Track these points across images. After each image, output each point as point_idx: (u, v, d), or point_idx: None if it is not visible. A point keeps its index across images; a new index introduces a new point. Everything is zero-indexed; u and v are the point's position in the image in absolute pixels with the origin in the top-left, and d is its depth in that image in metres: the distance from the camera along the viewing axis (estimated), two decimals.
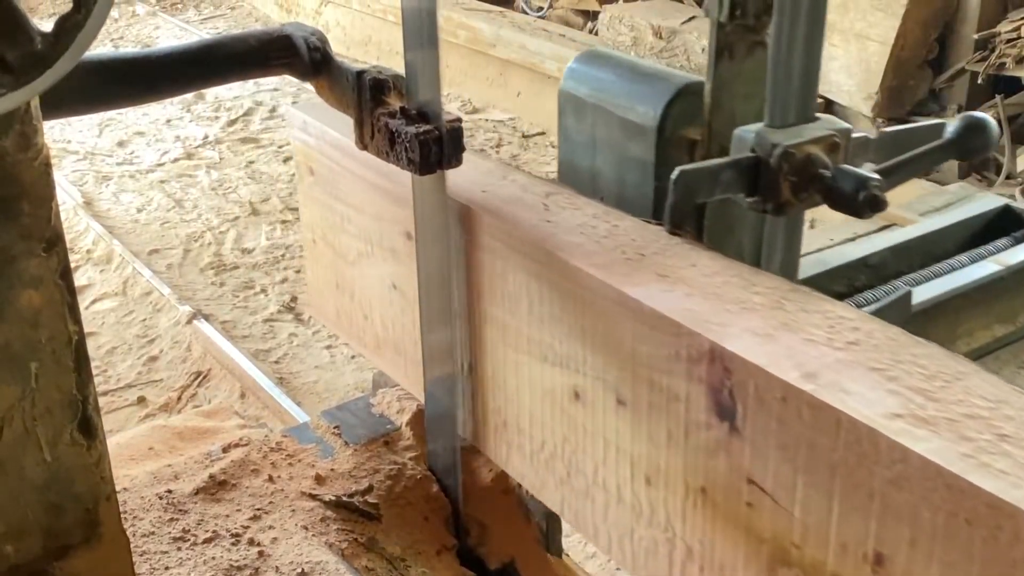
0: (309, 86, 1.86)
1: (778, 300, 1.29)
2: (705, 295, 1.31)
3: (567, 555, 1.95)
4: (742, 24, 1.58)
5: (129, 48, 7.25)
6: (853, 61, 4.96)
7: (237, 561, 1.63)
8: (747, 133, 1.53)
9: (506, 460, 1.69)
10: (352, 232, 1.93)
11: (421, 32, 1.60)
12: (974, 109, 4.94)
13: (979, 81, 4.84)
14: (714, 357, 1.21)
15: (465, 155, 1.66)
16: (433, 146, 1.58)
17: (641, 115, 1.71)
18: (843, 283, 2.00)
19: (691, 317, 1.26)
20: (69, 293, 1.09)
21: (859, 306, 1.86)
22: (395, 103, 1.66)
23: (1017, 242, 2.10)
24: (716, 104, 1.63)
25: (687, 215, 1.49)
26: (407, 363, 1.89)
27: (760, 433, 1.17)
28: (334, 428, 1.97)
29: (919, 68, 4.97)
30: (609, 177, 1.79)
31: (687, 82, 1.71)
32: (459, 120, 1.61)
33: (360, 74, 1.68)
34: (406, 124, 1.60)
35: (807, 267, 1.89)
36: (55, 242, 1.07)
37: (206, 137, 6.10)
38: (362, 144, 1.71)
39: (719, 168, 1.51)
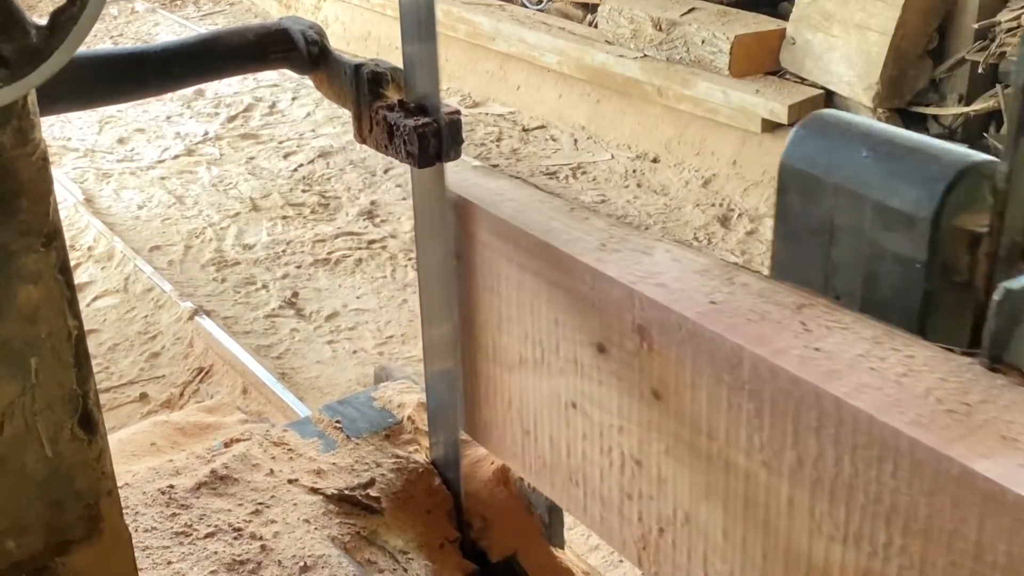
0: (309, 81, 1.85)
1: None
2: None
3: (570, 547, 1.95)
4: None
5: (128, 44, 7.25)
6: (853, 52, 4.95)
7: (239, 555, 1.63)
8: None
9: None
10: (515, 334, 1.64)
11: (419, 25, 1.60)
12: (975, 99, 4.93)
13: (980, 70, 4.83)
14: None
15: (671, 247, 1.44)
16: (432, 139, 1.58)
17: (910, 201, 1.37)
18: None
19: None
20: (68, 288, 1.09)
21: None
22: (393, 96, 1.66)
23: None
24: (1013, 189, 1.29)
25: (1007, 345, 1.16)
26: (588, 496, 1.58)
27: None
28: (335, 422, 1.98)
29: (919, 58, 4.95)
30: (852, 275, 1.46)
31: (971, 161, 1.39)
32: (458, 112, 1.61)
33: (358, 67, 1.68)
34: (404, 117, 1.60)
35: None
36: (53, 237, 1.07)
37: (206, 133, 6.10)
38: (361, 138, 1.71)
39: None
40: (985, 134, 5.01)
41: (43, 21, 0.93)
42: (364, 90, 1.67)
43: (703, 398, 1.30)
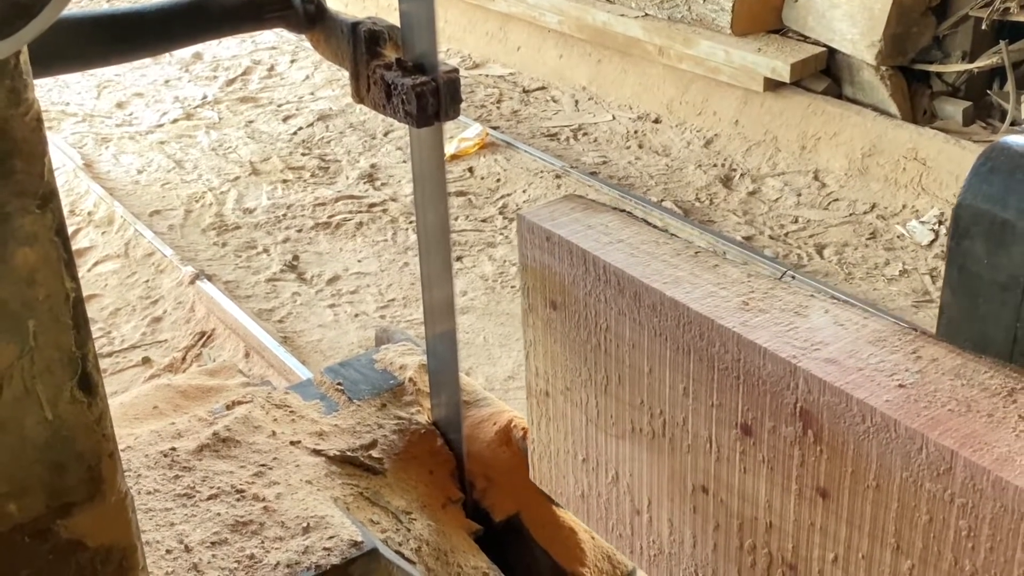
0: (306, 43, 1.83)
1: None
2: None
3: None
4: None
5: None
6: (856, 9, 4.91)
7: (242, 516, 1.64)
8: None
9: None
10: (626, 399, 1.44)
11: None
12: (978, 56, 4.89)
13: (983, 27, 4.79)
14: None
15: (829, 306, 1.22)
16: (430, 98, 1.57)
17: None
18: None
19: None
20: (65, 250, 1.08)
21: None
22: (391, 55, 1.64)
23: None
24: None
25: None
26: None
27: None
28: (337, 384, 1.98)
29: (923, 15, 4.91)
30: None
31: None
32: (456, 71, 1.59)
33: (355, 26, 1.66)
34: (402, 76, 1.58)
35: None
36: (49, 199, 1.06)
37: (204, 97, 6.06)
38: (359, 98, 1.70)
39: None
40: (988, 91, 4.98)
41: None
42: (361, 49, 1.65)
43: (892, 506, 1.10)
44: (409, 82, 1.56)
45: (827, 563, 1.20)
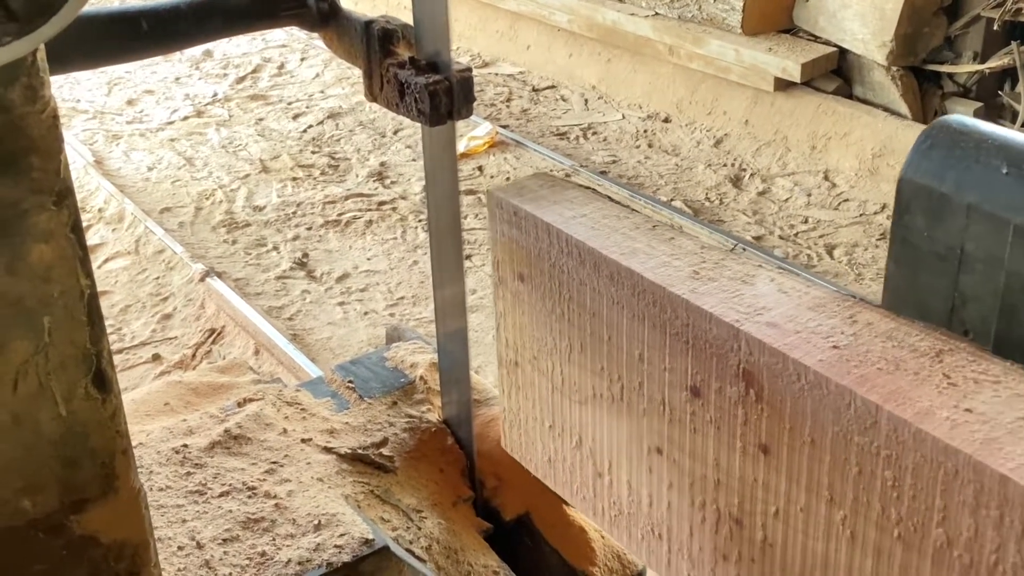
0: (317, 41, 1.83)
1: None
2: None
3: None
4: None
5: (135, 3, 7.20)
6: (867, 9, 4.89)
7: (254, 513, 1.64)
8: None
9: None
10: (588, 366, 1.50)
11: None
12: (989, 56, 4.87)
13: (995, 28, 4.77)
14: None
15: (775, 275, 1.28)
16: (443, 97, 1.57)
17: None
18: None
19: None
20: (80, 247, 1.09)
21: None
22: (404, 54, 1.65)
23: None
24: None
25: None
26: (673, 552, 1.43)
27: None
28: (348, 382, 1.98)
29: (934, 15, 4.90)
30: (986, 307, 1.32)
31: None
32: (469, 70, 1.60)
33: (368, 24, 1.66)
34: (416, 75, 1.58)
35: None
36: (65, 195, 1.06)
37: (215, 95, 6.07)
38: (371, 96, 1.70)
39: None
40: (1000, 92, 4.96)
41: None
42: (375, 47, 1.65)
43: (826, 459, 1.14)
44: (422, 81, 1.56)
45: (769, 517, 1.26)
